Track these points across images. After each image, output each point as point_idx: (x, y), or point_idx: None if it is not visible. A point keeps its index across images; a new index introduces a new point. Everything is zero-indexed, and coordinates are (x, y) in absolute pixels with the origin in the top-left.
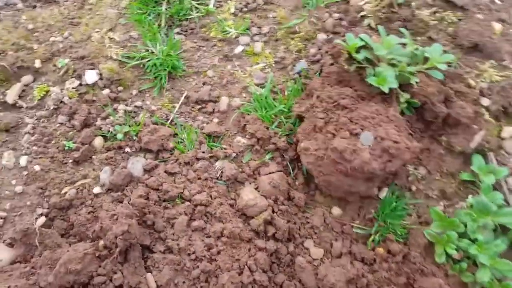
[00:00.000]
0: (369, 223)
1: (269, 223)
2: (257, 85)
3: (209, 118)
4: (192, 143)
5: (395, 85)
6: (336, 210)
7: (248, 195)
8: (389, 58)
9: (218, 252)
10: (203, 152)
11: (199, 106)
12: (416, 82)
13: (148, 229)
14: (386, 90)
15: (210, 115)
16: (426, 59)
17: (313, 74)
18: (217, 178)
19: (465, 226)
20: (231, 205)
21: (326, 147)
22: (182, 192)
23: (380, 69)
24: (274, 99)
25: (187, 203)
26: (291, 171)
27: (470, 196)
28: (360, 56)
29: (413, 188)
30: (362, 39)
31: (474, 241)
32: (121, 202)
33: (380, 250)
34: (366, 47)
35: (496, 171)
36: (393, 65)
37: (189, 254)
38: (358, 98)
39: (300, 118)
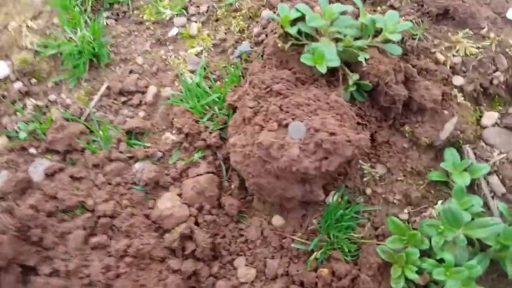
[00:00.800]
0: (312, 236)
1: (188, 237)
2: (192, 71)
3: (134, 112)
4: (108, 141)
5: (336, 63)
6: (277, 220)
7: (165, 203)
8: (331, 31)
9: (118, 276)
10: (120, 152)
11: (124, 98)
12: (366, 59)
13: (34, 247)
14: (323, 70)
15: (136, 108)
16: (379, 31)
17: (255, 57)
18: (134, 183)
19: (430, 241)
20: (147, 216)
21: (253, 142)
22: (84, 201)
23: (317, 45)
24: (209, 87)
25: (89, 214)
26: (225, 172)
27: (439, 202)
28: (293, 30)
29: (368, 191)
30: (298, 10)
31: (440, 261)
32: (11, 213)
33: (324, 271)
34: (304, 19)
35: (473, 169)
36: (337, 40)
37: (81, 278)
38: (297, 82)
39: (234, 109)
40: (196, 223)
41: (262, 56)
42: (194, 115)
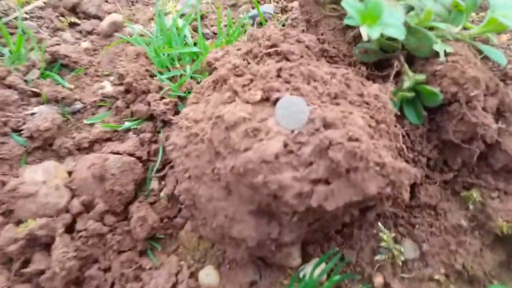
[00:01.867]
0: None
1: (41, 246)
2: (181, 16)
3: (78, 39)
4: (18, 60)
5: (399, 33)
6: (208, 275)
7: (35, 175)
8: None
9: None
10: (25, 81)
11: (74, 19)
12: (446, 54)
13: None
14: (374, 35)
15: (84, 36)
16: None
17: (274, 23)
18: (17, 131)
19: None
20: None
21: (211, 116)
22: None
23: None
24: (195, 44)
25: None
26: (158, 164)
27: None
28: None
29: (378, 280)
30: None
31: None
32: None
33: None
34: None
35: None
36: (408, 10)
37: None
38: (322, 56)
39: (211, 71)
40: (70, 228)
41: (283, 25)
42: (152, 66)
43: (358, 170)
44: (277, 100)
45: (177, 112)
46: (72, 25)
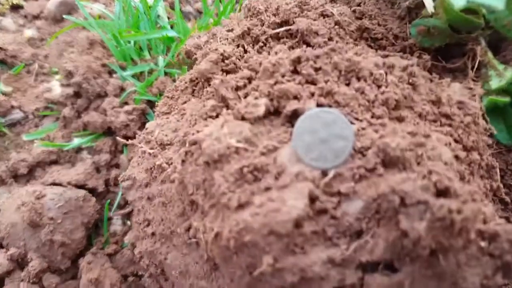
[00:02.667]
0: None
1: None
2: None
3: (21, 26)
4: None
5: (496, 1)
6: None
7: None
8: None
9: None
10: None
11: (16, 0)
12: None
13: None
14: (459, 3)
15: (29, 21)
16: None
17: None
18: None
19: None
20: None
21: (184, 140)
22: None
23: None
24: (171, 26)
25: None
26: (118, 200)
27: None
28: None
29: None
30: None
31: None
32: None
33: None
34: None
35: None
36: None
37: None
38: (362, 36)
39: (191, 65)
40: None
41: None
42: (111, 59)
43: (452, 250)
44: (295, 114)
45: (144, 125)
46: (14, 8)
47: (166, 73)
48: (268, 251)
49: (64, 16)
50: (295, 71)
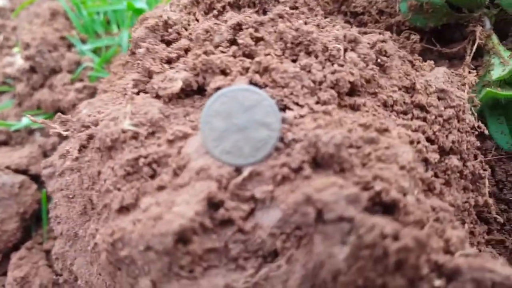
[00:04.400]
0: None
1: None
2: None
3: None
4: None
5: None
6: None
7: None
8: None
9: None
10: None
11: None
12: None
13: None
14: None
15: None
16: None
17: None
18: None
19: None
20: None
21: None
22: None
23: None
24: None
25: None
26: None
27: None
28: None
29: None
30: None
31: None
32: None
33: None
34: None
35: None
36: None
37: None
38: (340, 9)
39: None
40: None
41: None
42: (72, 31)
43: None
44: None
45: None
46: None
47: None
48: (147, 271)
49: None
50: (234, 41)
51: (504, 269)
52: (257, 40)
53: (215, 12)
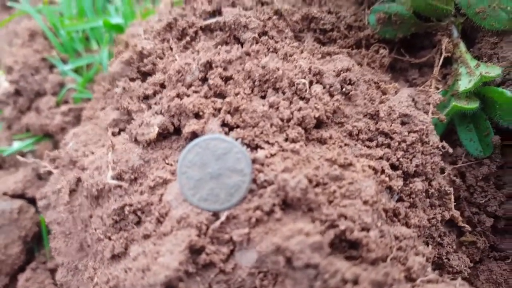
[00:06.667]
0: None
1: None
2: None
3: None
4: None
5: None
6: None
7: None
8: None
9: None
10: None
11: None
12: None
13: None
14: None
15: None
16: None
17: None
18: None
19: None
20: None
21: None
22: None
23: None
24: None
25: None
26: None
27: None
28: None
29: None
30: None
31: None
32: None
33: None
34: None
35: None
36: None
37: None
38: (309, 27)
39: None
40: None
41: None
42: (52, 51)
43: None
44: (194, 137)
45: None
46: None
47: None
48: None
49: (9, 2)
50: (205, 79)
51: None
52: (227, 79)
53: (187, 38)
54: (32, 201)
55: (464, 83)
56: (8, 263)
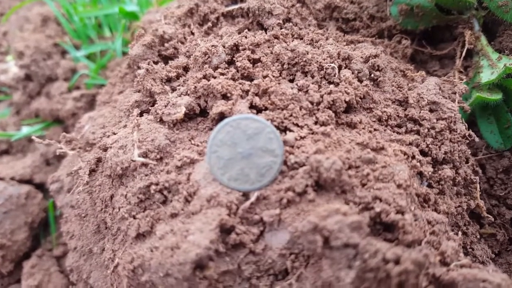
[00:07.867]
0: None
1: None
2: None
3: None
4: None
5: None
6: None
7: None
8: None
9: None
10: None
11: None
12: None
13: None
14: None
15: None
16: None
17: None
18: None
19: None
20: None
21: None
22: None
23: None
24: None
25: None
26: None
27: None
28: None
29: None
30: None
31: None
32: None
33: None
34: None
35: None
36: None
37: None
38: (331, 16)
39: None
40: None
41: None
42: (64, 37)
43: None
44: (222, 118)
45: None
46: None
47: (125, 54)
48: None
49: None
50: (232, 62)
51: (495, 276)
52: (254, 61)
53: (209, 24)
54: (40, 186)
55: (487, 75)
56: (13, 249)
